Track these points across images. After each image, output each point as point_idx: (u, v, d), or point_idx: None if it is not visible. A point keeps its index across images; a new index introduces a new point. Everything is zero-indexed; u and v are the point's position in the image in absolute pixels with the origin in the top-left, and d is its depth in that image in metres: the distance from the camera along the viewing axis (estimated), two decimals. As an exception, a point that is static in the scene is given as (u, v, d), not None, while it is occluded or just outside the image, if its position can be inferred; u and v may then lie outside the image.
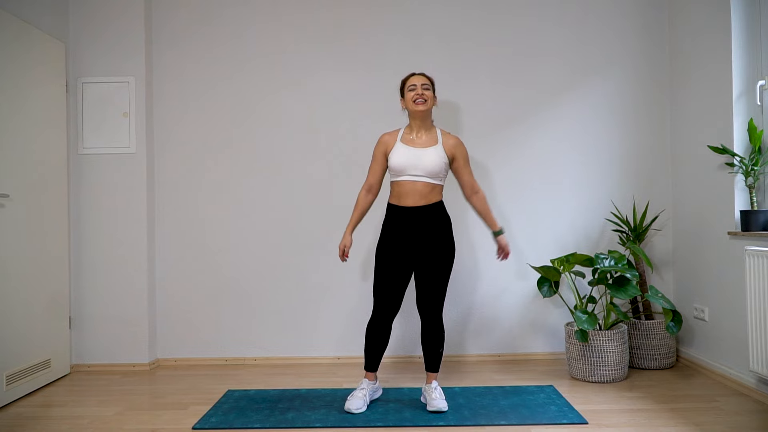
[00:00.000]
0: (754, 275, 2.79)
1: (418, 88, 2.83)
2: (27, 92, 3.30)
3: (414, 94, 2.82)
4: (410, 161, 2.78)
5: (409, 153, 2.80)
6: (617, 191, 3.83)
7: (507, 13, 3.85)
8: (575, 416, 2.69)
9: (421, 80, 2.86)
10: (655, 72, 3.83)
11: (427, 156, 2.78)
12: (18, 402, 3.10)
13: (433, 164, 2.77)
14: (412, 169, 2.78)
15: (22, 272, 3.21)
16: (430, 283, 2.82)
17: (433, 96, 2.86)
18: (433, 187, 2.82)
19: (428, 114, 2.87)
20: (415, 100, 2.81)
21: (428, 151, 2.79)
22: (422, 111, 2.81)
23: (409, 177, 2.79)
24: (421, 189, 2.80)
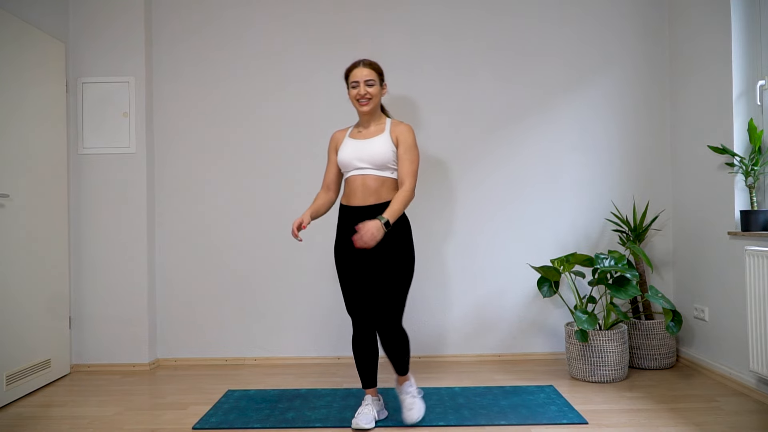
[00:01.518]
0: (754, 275, 2.79)
1: (360, 86, 2.57)
2: (27, 92, 3.30)
3: (356, 93, 2.58)
4: (355, 153, 2.56)
5: (355, 145, 2.59)
6: (617, 191, 3.83)
7: (507, 13, 3.85)
8: (575, 416, 2.69)
9: (364, 74, 2.57)
10: (655, 72, 3.83)
11: (371, 145, 2.56)
12: (18, 402, 3.10)
13: (378, 153, 2.52)
14: (358, 162, 2.56)
15: (22, 272, 3.21)
16: (382, 295, 2.52)
17: (380, 89, 2.62)
18: (382, 182, 2.55)
19: (375, 110, 2.65)
20: (358, 99, 2.59)
21: (373, 140, 2.57)
22: (367, 112, 2.61)
23: (356, 171, 2.57)
24: (369, 184, 2.54)
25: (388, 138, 2.58)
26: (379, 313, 2.52)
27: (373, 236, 2.36)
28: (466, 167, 3.83)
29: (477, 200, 3.83)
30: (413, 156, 2.58)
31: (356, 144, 2.59)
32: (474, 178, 3.83)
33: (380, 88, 2.63)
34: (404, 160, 2.57)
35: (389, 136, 2.58)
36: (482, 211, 3.83)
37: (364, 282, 2.57)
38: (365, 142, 2.58)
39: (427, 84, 3.84)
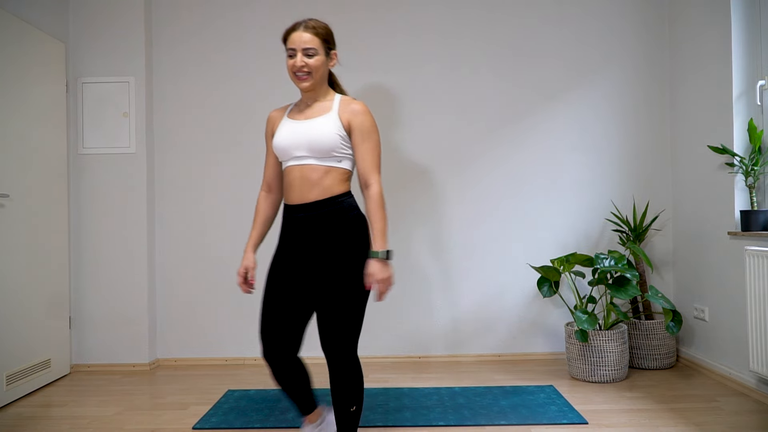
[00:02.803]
0: (754, 275, 2.79)
1: (297, 55, 2.00)
2: (27, 92, 3.30)
3: (292, 65, 2.01)
4: (292, 137, 2.03)
5: (292, 128, 2.05)
6: (617, 191, 3.83)
7: (507, 13, 3.85)
8: (575, 416, 2.69)
9: (304, 40, 2.00)
10: (655, 72, 3.83)
11: (311, 127, 2.00)
12: (18, 402, 3.10)
13: (320, 137, 1.97)
14: (295, 148, 2.01)
15: (22, 272, 3.21)
16: (330, 317, 1.98)
17: (325, 59, 2.05)
18: (326, 172, 2.00)
19: (319, 86, 2.08)
20: (295, 73, 2.02)
21: (315, 122, 2.02)
22: (306, 89, 2.05)
23: (293, 161, 2.04)
24: (309, 175, 2.00)
25: (335, 119, 2.01)
26: (329, 344, 2.00)
27: (388, 282, 1.96)
28: (466, 167, 3.83)
29: (477, 200, 3.83)
30: (373, 144, 2.02)
31: (294, 126, 2.04)
32: (474, 177, 3.83)
33: (326, 58, 2.05)
34: (363, 151, 2.00)
35: (337, 116, 2.01)
36: (482, 211, 3.83)
37: (299, 305, 2.04)
38: (305, 123, 2.03)
39: (427, 84, 3.84)
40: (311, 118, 2.04)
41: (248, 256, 2.15)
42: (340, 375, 2.02)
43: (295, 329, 2.06)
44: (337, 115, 2.02)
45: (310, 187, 2.01)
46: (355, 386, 2.03)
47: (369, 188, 2.00)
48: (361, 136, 2.01)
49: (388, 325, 3.81)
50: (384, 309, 3.81)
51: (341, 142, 2.00)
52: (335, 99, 2.09)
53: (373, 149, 2.03)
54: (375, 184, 2.00)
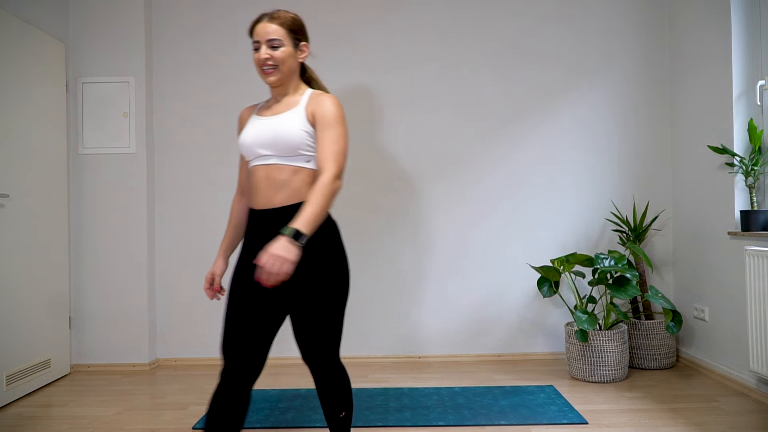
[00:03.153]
0: (754, 275, 2.79)
1: (262, 48, 1.86)
2: (27, 92, 3.30)
3: (256, 58, 1.88)
4: (257, 135, 1.86)
5: (258, 124, 1.89)
6: (617, 191, 3.83)
7: (507, 12, 3.85)
8: (575, 416, 2.69)
9: (269, 32, 1.86)
10: (655, 72, 3.83)
11: (276, 122, 1.85)
12: (18, 402, 3.10)
13: (285, 133, 1.80)
14: (260, 146, 1.85)
15: (22, 272, 3.21)
16: (309, 330, 1.85)
17: (293, 51, 1.91)
18: (293, 173, 1.82)
19: (287, 81, 1.93)
20: (261, 66, 1.87)
21: (280, 117, 1.86)
22: (273, 84, 1.90)
23: (258, 160, 1.87)
24: (275, 176, 1.83)
25: (300, 114, 1.84)
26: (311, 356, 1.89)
27: (282, 265, 1.62)
28: (466, 166, 3.83)
29: (477, 199, 3.83)
30: (336, 134, 1.82)
31: (260, 123, 1.89)
32: (474, 177, 3.83)
33: (294, 50, 1.91)
34: (323, 140, 1.81)
35: (303, 111, 1.85)
36: (482, 211, 3.83)
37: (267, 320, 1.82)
38: (270, 119, 1.87)
39: (427, 83, 3.84)
40: (278, 113, 1.88)
41: (218, 262, 2.02)
42: (326, 384, 1.94)
43: (261, 350, 1.83)
44: (304, 109, 1.85)
45: (275, 190, 1.83)
46: (343, 392, 1.96)
47: (322, 175, 1.76)
48: (323, 125, 1.82)
49: (388, 325, 3.81)
50: (384, 309, 3.81)
51: (307, 138, 1.82)
52: (305, 94, 1.92)
53: (334, 139, 1.81)
54: (329, 172, 1.76)
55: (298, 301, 1.83)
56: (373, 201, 3.83)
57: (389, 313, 3.81)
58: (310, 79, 2.05)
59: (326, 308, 1.84)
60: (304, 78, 2.04)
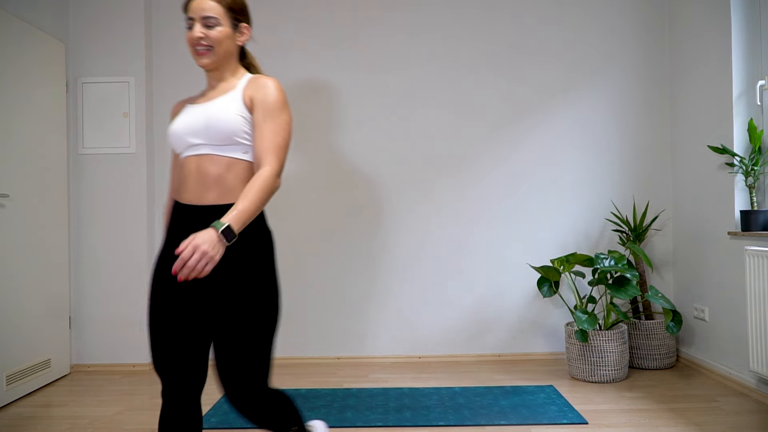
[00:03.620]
0: (754, 275, 2.79)
1: (196, 25, 1.66)
2: (27, 92, 3.30)
3: (190, 37, 1.67)
4: (188, 122, 1.66)
5: (191, 111, 1.69)
6: (617, 191, 3.83)
7: (507, 12, 3.85)
8: (575, 416, 2.69)
9: (204, 8, 1.66)
10: (655, 72, 3.83)
11: (209, 108, 1.65)
12: (18, 402, 3.10)
13: (219, 118, 1.60)
14: (190, 134, 1.64)
15: (22, 272, 3.21)
16: (229, 354, 1.57)
17: (231, 32, 1.69)
18: (228, 165, 1.62)
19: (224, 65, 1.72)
20: (193, 46, 1.67)
21: (214, 102, 1.66)
22: (206, 67, 1.70)
23: (190, 150, 1.66)
24: (206, 169, 1.62)
25: (237, 99, 1.65)
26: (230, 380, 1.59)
27: (202, 259, 1.41)
28: (466, 166, 3.83)
29: (477, 199, 3.83)
30: (278, 124, 1.63)
31: (192, 110, 1.69)
32: (474, 177, 3.83)
33: (232, 31, 1.70)
34: (263, 130, 1.61)
35: (240, 95, 1.65)
36: (482, 211, 3.83)
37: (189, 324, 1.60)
38: (203, 105, 1.68)
39: (427, 83, 3.84)
40: (212, 99, 1.69)
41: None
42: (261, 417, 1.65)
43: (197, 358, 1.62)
44: (241, 93, 1.66)
45: (207, 185, 1.61)
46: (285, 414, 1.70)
47: (261, 169, 1.58)
48: (263, 112, 1.62)
49: (388, 325, 3.81)
50: (384, 309, 3.81)
51: (245, 125, 1.62)
52: (243, 78, 1.72)
53: (276, 130, 1.62)
54: (269, 166, 1.58)
55: (219, 317, 1.58)
56: (373, 201, 3.83)
57: (389, 313, 3.81)
58: (249, 65, 1.83)
59: (252, 329, 1.58)
60: (244, 63, 1.82)
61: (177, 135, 1.67)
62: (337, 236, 3.83)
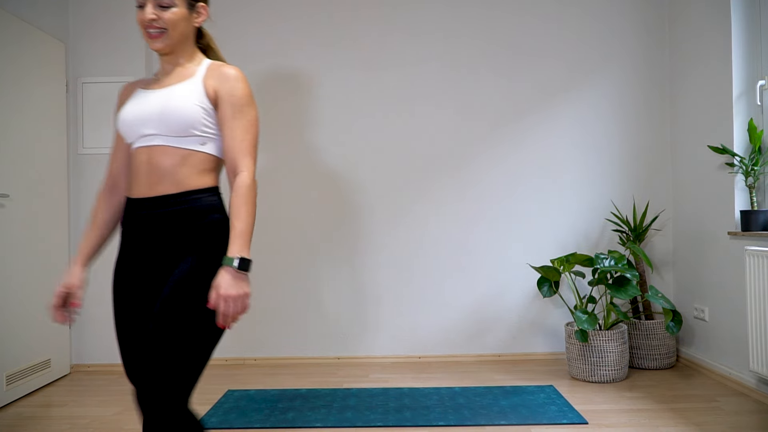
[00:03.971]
0: (754, 275, 2.79)
1: (147, 6, 1.53)
2: (27, 92, 3.30)
3: (141, 19, 1.54)
4: (140, 109, 1.54)
5: (143, 98, 1.56)
6: (617, 191, 3.83)
7: (508, 12, 3.85)
8: (575, 416, 2.69)
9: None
10: (655, 72, 3.83)
11: (165, 95, 1.53)
12: (18, 402, 3.10)
13: (176, 107, 1.49)
14: (143, 124, 1.53)
15: (22, 272, 3.21)
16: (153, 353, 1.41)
17: (187, 13, 1.56)
18: (183, 157, 1.52)
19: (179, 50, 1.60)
20: (146, 29, 1.54)
21: (171, 89, 1.54)
22: (160, 51, 1.57)
23: (141, 141, 1.55)
24: (159, 160, 1.51)
25: (197, 86, 1.54)
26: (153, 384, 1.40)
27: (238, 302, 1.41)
28: (466, 165, 3.83)
29: (476, 199, 3.83)
30: (248, 121, 1.54)
31: (145, 96, 1.57)
32: (474, 177, 3.83)
33: (188, 12, 1.57)
34: (233, 129, 1.52)
35: (201, 83, 1.55)
36: (482, 210, 3.83)
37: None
38: (158, 92, 1.56)
39: (426, 82, 3.84)
40: (168, 86, 1.57)
41: (74, 271, 1.59)
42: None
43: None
44: (201, 82, 1.55)
45: (159, 177, 1.51)
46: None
47: (240, 175, 1.50)
48: (232, 108, 1.53)
49: (388, 325, 3.81)
50: (384, 309, 3.81)
51: (204, 116, 1.52)
52: (203, 64, 1.61)
53: (247, 127, 1.54)
54: (245, 172, 1.50)
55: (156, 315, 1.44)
56: (373, 200, 3.83)
57: (389, 313, 3.81)
58: (207, 48, 1.71)
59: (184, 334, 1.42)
60: (201, 44, 1.70)
61: (128, 123, 1.55)
62: (336, 236, 3.83)
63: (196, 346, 1.44)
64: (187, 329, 1.43)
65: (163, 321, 1.42)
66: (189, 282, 1.45)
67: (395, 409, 2.83)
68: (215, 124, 1.55)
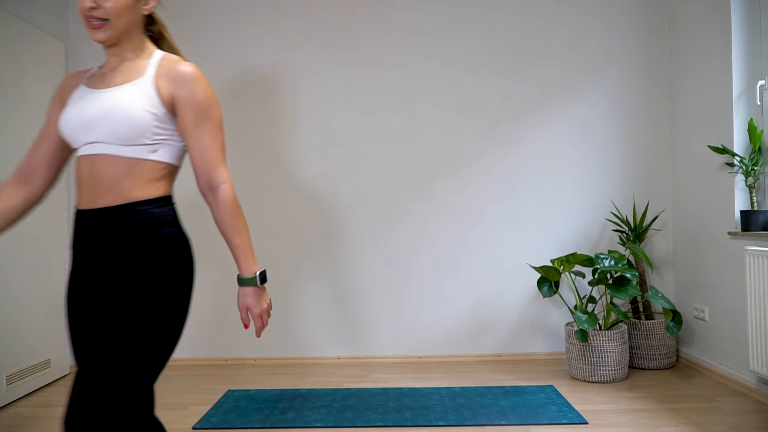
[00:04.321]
0: (754, 275, 2.79)
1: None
2: (27, 92, 3.30)
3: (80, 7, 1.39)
4: (83, 114, 1.38)
5: (87, 99, 1.40)
6: (617, 191, 3.83)
7: (508, 12, 3.85)
8: (575, 416, 2.69)
9: None
10: (655, 72, 3.83)
11: (111, 99, 1.37)
12: (18, 402, 3.10)
13: (122, 114, 1.34)
14: (85, 130, 1.38)
15: (22, 272, 3.21)
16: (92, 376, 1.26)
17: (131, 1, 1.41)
18: (130, 167, 1.37)
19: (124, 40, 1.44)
20: (86, 18, 1.38)
21: (117, 91, 1.38)
22: (103, 42, 1.41)
23: (85, 148, 1.39)
24: (102, 171, 1.37)
25: (147, 88, 1.39)
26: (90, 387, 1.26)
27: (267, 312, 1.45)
28: (466, 165, 3.83)
29: (476, 199, 3.83)
30: (213, 126, 1.42)
31: (89, 98, 1.40)
32: (474, 176, 3.83)
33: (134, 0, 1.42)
34: (201, 137, 1.40)
35: (151, 84, 1.39)
36: (481, 210, 3.83)
37: None
38: (103, 93, 1.39)
39: (427, 82, 3.84)
40: (113, 85, 1.41)
41: None
42: None
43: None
44: (152, 83, 1.39)
45: (101, 189, 1.36)
46: None
47: (216, 191, 1.40)
48: (195, 114, 1.39)
49: (388, 325, 3.81)
50: (384, 309, 3.81)
51: (155, 122, 1.37)
52: (153, 58, 1.45)
53: (214, 133, 1.42)
54: (224, 184, 1.40)
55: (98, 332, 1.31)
56: (372, 200, 3.83)
57: (389, 313, 3.81)
58: (159, 36, 1.55)
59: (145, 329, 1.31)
60: (152, 33, 1.55)
61: (71, 128, 1.40)
62: (336, 236, 3.83)
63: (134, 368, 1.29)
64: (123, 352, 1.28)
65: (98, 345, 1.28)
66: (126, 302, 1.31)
67: (395, 409, 2.83)
68: (169, 129, 1.41)
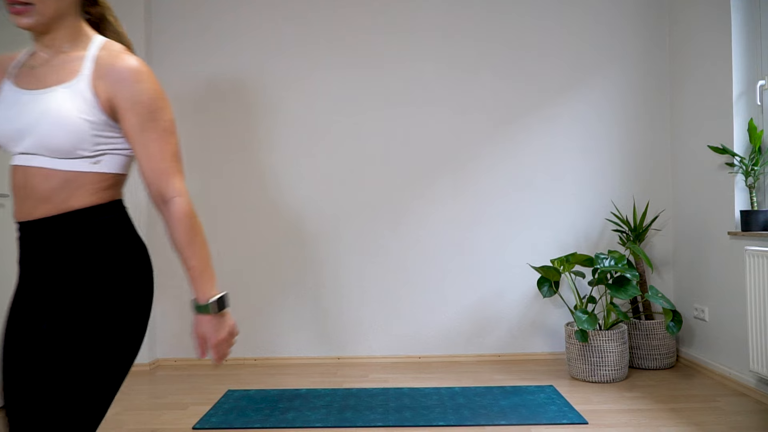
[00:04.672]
0: (754, 275, 2.79)
1: None
2: None
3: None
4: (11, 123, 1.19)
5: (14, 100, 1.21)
6: (617, 191, 3.83)
7: (508, 12, 3.85)
8: (575, 416, 2.69)
9: None
10: (655, 72, 3.83)
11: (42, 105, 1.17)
12: (18, 402, 3.10)
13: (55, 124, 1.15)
14: (16, 139, 1.19)
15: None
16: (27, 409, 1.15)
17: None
18: (65, 181, 1.19)
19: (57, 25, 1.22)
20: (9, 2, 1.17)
21: (48, 95, 1.18)
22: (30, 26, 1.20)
23: (19, 158, 1.21)
24: (36, 185, 1.19)
25: (83, 91, 1.18)
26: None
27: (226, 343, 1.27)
28: (466, 166, 3.83)
29: (476, 199, 3.83)
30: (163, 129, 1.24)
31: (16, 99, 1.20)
32: (473, 176, 3.83)
33: None
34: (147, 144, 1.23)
35: (88, 86, 1.18)
36: (481, 210, 3.83)
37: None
38: (32, 96, 1.19)
39: (427, 82, 3.84)
40: (45, 86, 1.19)
41: None
42: None
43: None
44: (89, 84, 1.18)
45: (35, 203, 1.19)
46: None
47: (169, 204, 1.23)
48: (139, 119, 1.20)
49: (388, 325, 3.81)
50: (384, 309, 3.81)
51: (94, 131, 1.18)
52: (90, 50, 1.23)
53: (164, 138, 1.23)
54: (179, 197, 1.23)
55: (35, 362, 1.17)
56: (372, 200, 3.83)
57: (389, 313, 3.81)
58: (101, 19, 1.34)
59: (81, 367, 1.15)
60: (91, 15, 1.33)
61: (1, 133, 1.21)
62: (336, 235, 3.83)
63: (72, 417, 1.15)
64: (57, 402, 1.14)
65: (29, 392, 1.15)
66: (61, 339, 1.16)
67: (395, 409, 2.83)
68: (112, 136, 1.23)
